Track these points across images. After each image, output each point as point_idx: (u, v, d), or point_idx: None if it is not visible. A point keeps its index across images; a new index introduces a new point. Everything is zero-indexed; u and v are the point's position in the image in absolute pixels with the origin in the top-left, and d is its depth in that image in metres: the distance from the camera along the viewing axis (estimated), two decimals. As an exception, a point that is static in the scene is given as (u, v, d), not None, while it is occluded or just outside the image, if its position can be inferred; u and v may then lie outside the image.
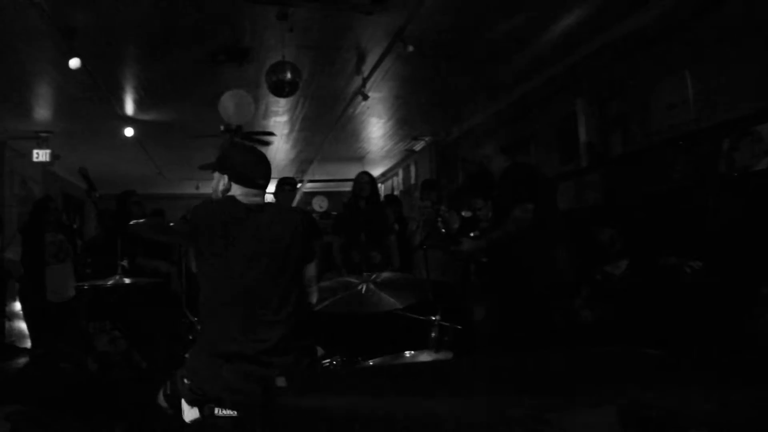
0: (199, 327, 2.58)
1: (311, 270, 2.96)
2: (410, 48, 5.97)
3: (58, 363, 3.68)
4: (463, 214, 6.39)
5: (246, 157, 2.85)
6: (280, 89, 6.12)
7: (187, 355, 2.67)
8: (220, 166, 2.81)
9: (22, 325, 6.93)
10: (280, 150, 11.32)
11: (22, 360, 6.55)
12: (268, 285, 2.62)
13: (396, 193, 12.32)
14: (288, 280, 2.70)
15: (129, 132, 8.85)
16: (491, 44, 6.38)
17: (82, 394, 3.16)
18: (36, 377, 3.69)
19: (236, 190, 2.77)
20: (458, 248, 4.79)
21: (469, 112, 9.13)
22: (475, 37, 6.22)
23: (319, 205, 14.43)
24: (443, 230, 5.91)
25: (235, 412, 2.50)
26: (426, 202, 6.76)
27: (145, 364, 3.72)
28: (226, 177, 2.77)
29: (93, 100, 7.70)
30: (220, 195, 2.79)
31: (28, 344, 6.72)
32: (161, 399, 2.68)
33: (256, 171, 2.81)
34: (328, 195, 14.78)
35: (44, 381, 3.45)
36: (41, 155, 9.67)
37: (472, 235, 5.03)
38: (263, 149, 10.47)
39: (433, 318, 3.54)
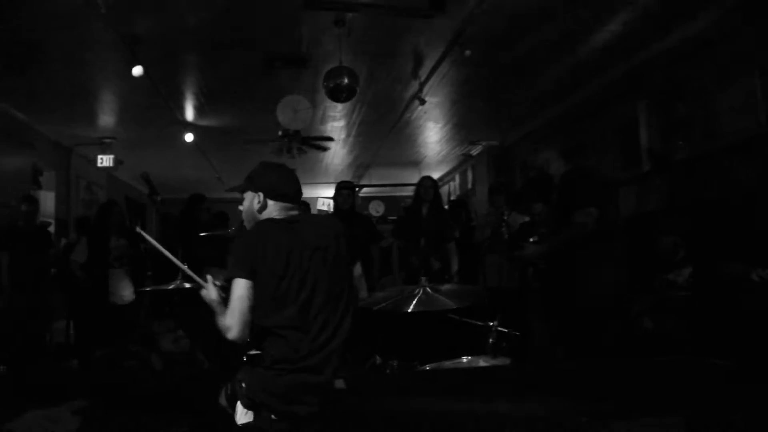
0: (255, 336, 2.58)
1: (358, 269, 2.98)
2: (467, 52, 5.95)
3: (124, 361, 3.78)
4: (521, 219, 6.33)
5: (279, 174, 2.87)
6: (337, 94, 6.17)
7: (245, 358, 2.69)
8: (254, 185, 2.81)
9: (86, 327, 7.13)
10: (337, 155, 11.40)
11: (85, 359, 6.74)
12: (322, 294, 2.62)
13: (452, 198, 12.25)
14: (340, 286, 2.71)
15: (189, 137, 9.04)
16: (549, 47, 6.30)
17: (147, 392, 3.23)
18: (103, 374, 3.78)
19: (272, 207, 2.78)
20: (520, 253, 4.73)
21: (526, 116, 9.03)
22: (532, 40, 6.15)
23: (376, 209, 14.48)
24: (506, 236, 5.86)
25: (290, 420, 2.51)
26: (491, 208, 6.71)
27: (208, 364, 3.78)
28: (261, 195, 2.78)
29: (155, 106, 7.89)
30: (256, 213, 2.80)
31: (91, 344, 6.92)
32: (222, 399, 2.71)
33: (291, 186, 2.84)
34: (384, 199, 14.82)
35: (111, 378, 3.53)
36: (105, 161, 9.95)
37: (531, 240, 4.96)
38: (320, 154, 10.68)
39: (491, 324, 3.51)
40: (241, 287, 2.51)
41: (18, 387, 3.12)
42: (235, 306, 2.49)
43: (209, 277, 2.71)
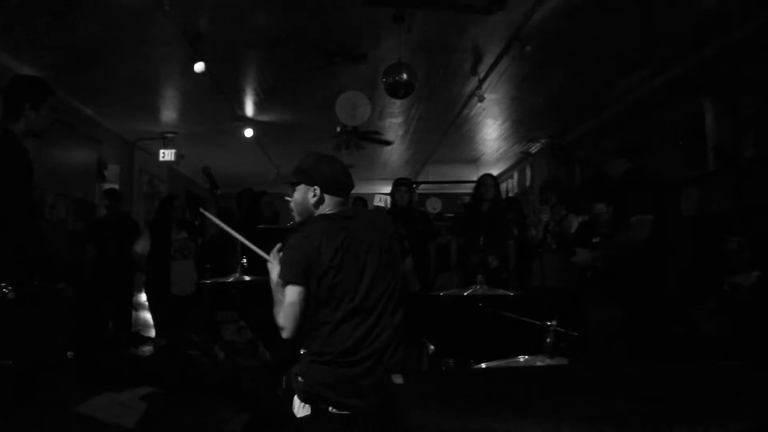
0: (310, 331, 2.60)
1: (409, 263, 2.98)
2: (527, 48, 5.88)
3: (187, 350, 3.85)
4: (579, 219, 6.22)
5: (334, 166, 2.81)
6: (396, 91, 6.16)
7: (302, 351, 2.72)
8: (309, 179, 2.76)
9: (148, 316, 7.32)
10: (394, 151, 11.41)
11: (147, 348, 6.91)
12: (378, 288, 2.63)
13: (511, 195, 12.14)
14: (393, 281, 2.70)
15: (249, 133, 9.17)
16: (611, 42, 6.18)
17: (210, 380, 3.29)
18: (168, 363, 3.87)
19: (328, 201, 2.75)
20: (572, 260, 4.66)
21: (587, 113, 8.87)
22: (594, 35, 6.04)
23: (433, 206, 14.44)
24: (554, 245, 5.78)
25: (348, 412, 2.52)
26: (545, 206, 6.62)
27: (269, 355, 3.83)
28: (317, 189, 2.73)
29: (215, 102, 8.02)
30: (311, 207, 2.78)
31: (153, 333, 7.09)
32: (281, 391, 2.75)
33: (346, 180, 2.80)
34: (441, 196, 14.77)
35: (175, 366, 3.61)
36: (167, 155, 10.20)
37: (594, 241, 4.87)
38: (378, 151, 10.69)
39: (549, 323, 3.47)
40: (293, 294, 2.54)
41: (86, 372, 3.21)
42: (288, 310, 2.54)
43: (274, 252, 2.74)
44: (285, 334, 2.56)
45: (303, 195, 2.77)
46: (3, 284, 2.97)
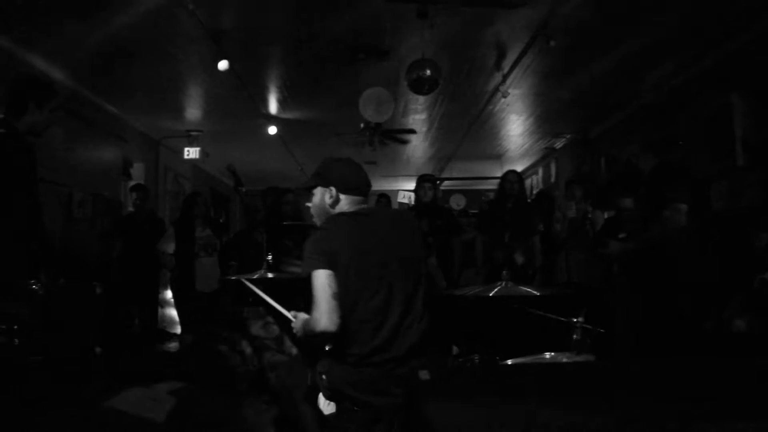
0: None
1: (433, 260, 2.98)
2: (552, 42, 5.83)
3: (215, 346, 3.88)
4: (605, 214, 6.17)
5: (348, 167, 2.85)
6: (419, 87, 6.15)
7: (327, 348, 2.72)
8: (325, 180, 2.80)
9: (173, 313, 7.39)
10: (418, 147, 11.39)
11: (173, 344, 6.97)
12: (399, 287, 2.62)
13: (535, 192, 12.07)
14: (416, 279, 2.69)
15: (272, 130, 9.19)
16: (637, 36, 6.10)
17: (238, 376, 3.31)
18: (195, 357, 3.90)
19: (344, 201, 2.77)
20: (604, 251, 4.61)
21: (612, 108, 8.79)
22: (619, 29, 5.97)
23: (457, 203, 14.40)
24: (591, 233, 5.73)
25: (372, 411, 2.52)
26: (570, 202, 6.58)
27: (296, 351, 3.85)
28: (333, 189, 2.76)
29: (239, 99, 8.06)
30: (328, 208, 2.79)
31: (179, 330, 7.16)
32: (308, 387, 2.75)
33: (361, 179, 2.84)
34: (465, 193, 14.73)
35: (204, 362, 3.64)
36: (192, 153, 10.25)
37: (620, 236, 4.83)
38: (402, 147, 10.68)
39: (575, 320, 3.44)
40: (321, 277, 2.50)
41: (115, 367, 3.25)
42: (319, 296, 2.48)
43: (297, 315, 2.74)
44: (321, 326, 2.45)
45: (320, 197, 2.81)
46: (32, 281, 3.01)
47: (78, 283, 3.54)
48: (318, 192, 2.82)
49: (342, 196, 2.77)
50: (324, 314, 2.45)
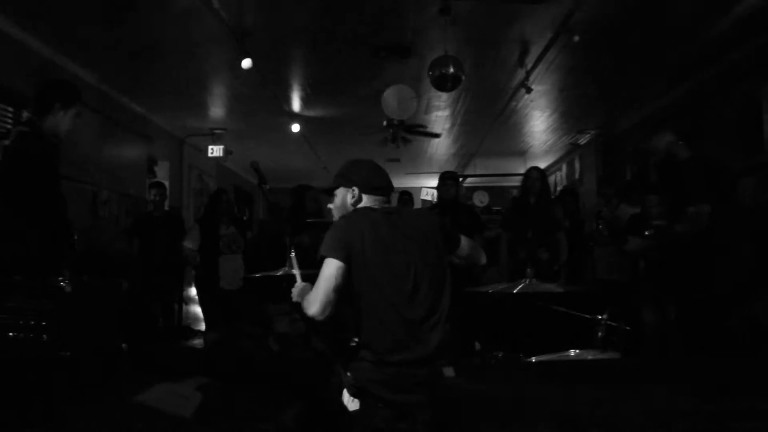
0: (358, 325, 2.60)
1: (465, 245, 2.94)
2: (576, 37, 5.78)
3: (242, 342, 3.92)
4: (632, 210, 6.12)
5: (370, 168, 2.87)
6: (442, 83, 6.13)
7: (351, 344, 2.72)
8: (348, 181, 2.81)
9: (197, 310, 7.44)
10: (441, 144, 11.37)
11: (198, 341, 7.02)
12: (423, 284, 2.60)
13: (559, 188, 11.99)
14: (439, 276, 2.68)
15: (295, 128, 9.22)
16: (663, 29, 6.04)
17: (264, 372, 3.33)
18: (222, 354, 3.93)
19: (366, 201, 2.78)
20: (624, 247, 4.58)
21: (637, 103, 8.70)
22: (645, 23, 5.90)
23: (480, 200, 14.36)
24: (606, 232, 5.69)
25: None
26: (600, 199, 6.53)
27: (322, 348, 3.86)
28: (356, 189, 2.77)
29: (262, 98, 8.10)
30: (350, 208, 2.80)
31: (203, 327, 7.21)
32: (333, 383, 2.75)
33: (383, 179, 2.84)
34: (489, 190, 14.68)
35: (229, 358, 3.67)
36: (215, 151, 10.34)
37: (647, 233, 4.78)
38: (425, 144, 10.67)
39: (600, 317, 3.42)
40: (331, 266, 2.51)
41: (140, 363, 3.28)
42: (320, 284, 2.50)
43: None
44: (312, 310, 2.48)
45: (342, 197, 2.82)
46: (60, 278, 3.05)
47: (104, 280, 3.58)
48: (340, 192, 2.83)
49: (364, 196, 2.78)
50: (318, 302, 2.47)
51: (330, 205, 2.89)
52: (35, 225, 3.37)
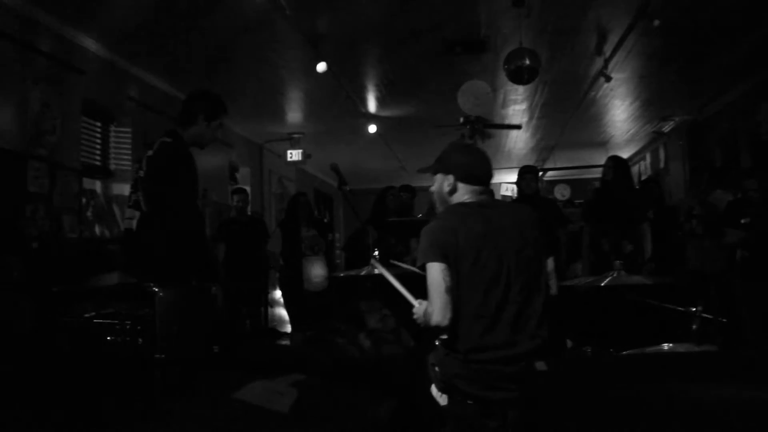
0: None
1: (550, 263, 2.88)
2: (656, 22, 5.60)
3: (333, 338, 3.97)
4: (725, 197, 5.90)
5: (470, 155, 2.81)
6: (519, 76, 6.06)
7: (437, 343, 2.71)
8: (444, 168, 2.77)
9: (283, 312, 7.57)
10: (519, 138, 11.23)
11: (284, 342, 7.14)
12: (516, 281, 2.56)
13: (643, 178, 11.65)
14: (534, 274, 2.62)
15: (372, 128, 9.29)
16: (749, 8, 5.78)
17: (358, 368, 3.37)
18: (315, 351, 4.00)
19: (462, 190, 2.72)
20: (723, 240, 4.41)
21: (725, 87, 8.36)
22: (726, 2, 5.67)
23: (561, 193, 14.12)
24: (699, 229, 5.49)
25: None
26: (694, 189, 6.33)
27: (413, 344, 3.88)
28: (451, 177, 2.72)
29: (338, 100, 8.19)
30: (446, 196, 2.77)
31: (288, 329, 7.33)
32: (425, 379, 2.75)
33: (482, 168, 2.77)
34: (570, 182, 14.42)
35: (323, 354, 3.73)
36: (294, 155, 10.52)
37: (743, 222, 4.59)
38: (503, 139, 10.56)
39: (694, 309, 3.30)
40: (435, 270, 2.49)
41: (233, 364, 3.37)
42: (432, 290, 2.48)
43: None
44: (434, 320, 2.45)
45: (440, 184, 2.78)
46: (151, 284, 3.16)
47: (195, 285, 3.68)
48: (438, 178, 2.80)
49: (460, 185, 2.73)
50: (437, 309, 2.45)
51: (431, 189, 2.86)
52: (178, 232, 3.50)
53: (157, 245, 3.44)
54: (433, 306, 2.46)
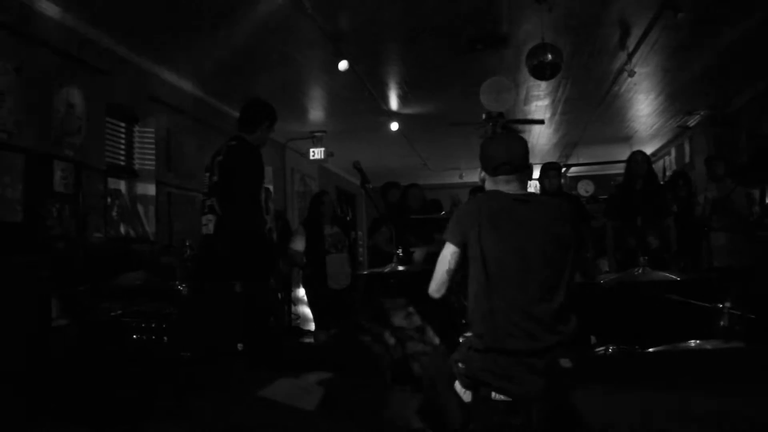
0: (467, 317, 2.60)
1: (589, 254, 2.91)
2: (680, 14, 5.54)
3: (358, 336, 3.99)
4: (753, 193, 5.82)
5: (495, 146, 2.84)
6: (541, 72, 6.03)
7: (461, 340, 2.71)
8: (480, 163, 2.87)
9: (306, 310, 7.59)
10: (542, 134, 11.16)
11: (308, 340, 7.16)
12: (541, 277, 2.55)
13: (668, 173, 11.52)
14: (560, 268, 2.60)
15: (394, 126, 9.28)
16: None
17: (382, 366, 3.38)
18: (340, 348, 4.02)
19: (491, 182, 2.80)
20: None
21: (753, 79, 8.23)
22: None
23: (585, 189, 14.00)
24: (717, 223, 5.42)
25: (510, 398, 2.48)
26: (711, 183, 6.24)
27: (438, 341, 3.88)
28: (482, 173, 2.84)
29: (360, 98, 8.19)
30: (486, 189, 2.83)
31: (312, 327, 7.35)
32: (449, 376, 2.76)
33: (507, 156, 2.74)
34: (593, 178, 14.30)
35: (348, 352, 3.75)
36: (317, 153, 10.55)
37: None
38: (524, 135, 10.50)
39: (721, 305, 3.26)
40: (447, 250, 2.69)
41: (258, 362, 3.39)
42: (439, 266, 2.71)
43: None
44: (430, 289, 2.73)
45: (481, 178, 2.90)
46: (177, 282, 3.19)
47: (219, 284, 3.72)
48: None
49: (488, 177, 2.82)
50: (434, 281, 2.72)
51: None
52: (252, 233, 3.73)
53: (237, 245, 3.75)
54: (434, 277, 2.72)
